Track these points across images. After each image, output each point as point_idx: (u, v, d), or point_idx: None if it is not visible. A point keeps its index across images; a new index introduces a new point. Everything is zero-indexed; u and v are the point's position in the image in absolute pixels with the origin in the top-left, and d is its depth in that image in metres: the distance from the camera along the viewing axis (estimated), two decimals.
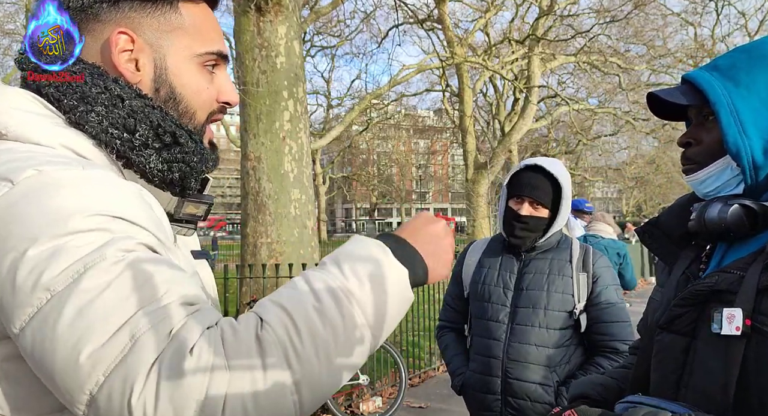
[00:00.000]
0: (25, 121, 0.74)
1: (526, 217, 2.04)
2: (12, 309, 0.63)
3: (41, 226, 0.64)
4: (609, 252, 4.83)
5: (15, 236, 0.64)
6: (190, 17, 0.86)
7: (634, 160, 31.43)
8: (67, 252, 0.63)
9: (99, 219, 0.66)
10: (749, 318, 0.84)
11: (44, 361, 0.62)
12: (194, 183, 0.86)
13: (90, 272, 0.63)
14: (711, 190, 1.00)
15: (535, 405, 1.97)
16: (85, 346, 0.61)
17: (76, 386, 0.61)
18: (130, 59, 0.82)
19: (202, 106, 0.87)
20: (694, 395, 0.92)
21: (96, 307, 0.62)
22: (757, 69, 0.95)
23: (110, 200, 0.68)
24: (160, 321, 0.63)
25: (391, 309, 0.73)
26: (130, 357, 0.61)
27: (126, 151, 0.78)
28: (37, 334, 0.62)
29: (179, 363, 0.61)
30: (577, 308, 2.01)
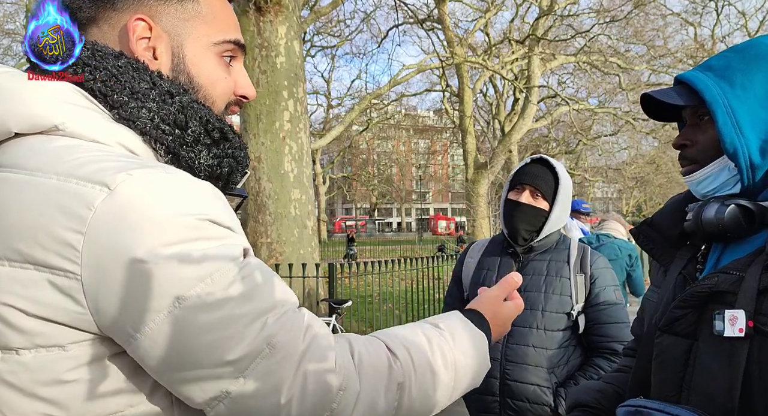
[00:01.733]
0: (81, 117, 0.73)
1: (524, 205, 2.03)
2: (133, 313, 0.64)
3: (153, 234, 0.64)
4: (621, 253, 4.78)
5: (128, 244, 0.64)
6: (207, 6, 0.85)
7: (634, 160, 31.43)
8: (188, 260, 0.65)
9: (205, 226, 0.68)
10: (751, 320, 0.84)
11: (178, 362, 0.66)
12: (239, 177, 0.87)
13: (217, 283, 0.66)
14: (709, 190, 1.00)
15: (534, 406, 1.97)
16: (227, 351, 0.66)
17: (214, 386, 0.66)
18: (148, 47, 0.81)
19: (221, 96, 0.86)
20: (698, 397, 0.91)
21: (232, 317, 0.66)
22: (753, 69, 0.95)
23: (205, 205, 0.69)
24: (293, 326, 0.70)
25: (469, 385, 0.89)
26: (273, 360, 0.67)
27: (177, 148, 0.77)
28: (168, 339, 0.65)
29: (326, 372, 0.69)
30: (575, 309, 2.01)
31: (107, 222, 0.64)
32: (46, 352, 0.66)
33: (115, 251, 0.64)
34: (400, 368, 0.74)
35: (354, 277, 5.96)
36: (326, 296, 5.95)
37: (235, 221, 0.74)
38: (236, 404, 0.68)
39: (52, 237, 0.64)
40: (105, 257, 0.64)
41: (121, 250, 0.64)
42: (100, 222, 0.64)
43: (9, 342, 0.65)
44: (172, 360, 0.66)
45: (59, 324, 0.65)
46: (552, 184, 2.04)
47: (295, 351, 0.69)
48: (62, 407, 0.67)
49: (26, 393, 0.66)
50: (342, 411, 0.71)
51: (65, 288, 0.64)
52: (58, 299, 0.64)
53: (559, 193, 2.04)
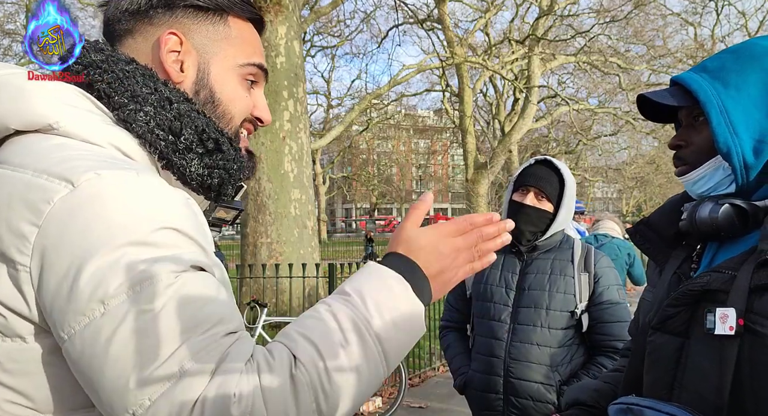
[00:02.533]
0: (76, 117, 0.75)
1: (528, 207, 2.03)
2: (64, 315, 0.64)
3: (101, 236, 0.65)
4: (621, 252, 4.80)
5: (74, 242, 0.64)
6: (237, 30, 0.89)
7: (634, 160, 31.43)
8: (124, 266, 0.64)
9: (155, 233, 0.67)
10: (742, 318, 0.85)
11: (91, 373, 0.64)
12: (230, 190, 0.88)
13: (145, 293, 0.64)
14: (704, 190, 1.01)
15: (537, 404, 1.98)
16: (135, 370, 0.63)
17: (120, 404, 0.64)
18: (177, 60, 0.85)
19: (238, 113, 0.89)
20: (688, 395, 0.92)
21: (148, 332, 0.64)
22: (746, 70, 0.95)
23: (165, 211, 0.69)
24: (208, 354, 0.66)
25: (407, 344, 0.77)
26: (178, 387, 0.63)
27: (169, 153, 0.79)
28: (87, 345, 0.64)
29: (225, 400, 0.64)
30: (579, 308, 2.01)
31: (61, 218, 0.65)
32: (11, 342, 0.67)
33: (59, 247, 0.64)
34: (304, 369, 0.68)
35: None
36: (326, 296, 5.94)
37: (200, 231, 0.73)
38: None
39: (13, 230, 0.66)
40: (50, 251, 0.64)
41: (65, 247, 0.64)
42: (54, 217, 0.65)
43: None
44: (86, 370, 0.64)
45: (18, 316, 0.67)
46: (557, 186, 2.04)
47: (203, 377, 0.65)
48: (28, 397, 0.68)
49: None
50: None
51: (18, 280, 0.66)
52: (13, 290, 0.66)
53: (565, 194, 2.04)
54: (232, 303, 0.74)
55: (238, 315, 0.74)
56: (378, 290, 0.75)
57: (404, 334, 0.75)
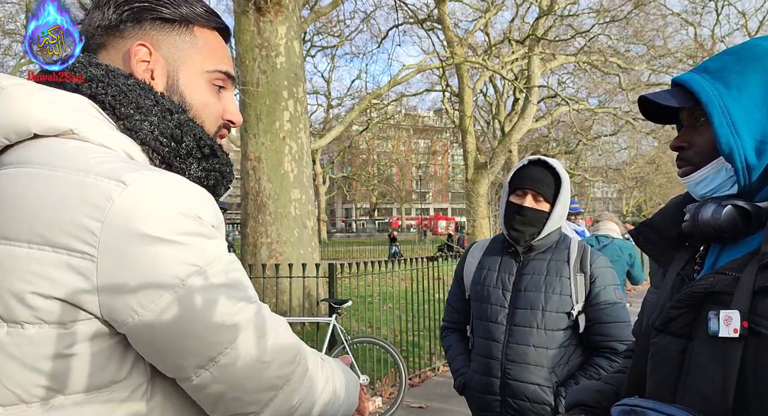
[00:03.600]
0: (93, 124, 0.82)
1: (527, 209, 2.04)
2: (142, 292, 0.74)
3: (163, 226, 0.74)
4: (623, 253, 4.78)
5: (141, 231, 0.73)
6: (203, 39, 0.96)
7: (634, 160, 31.44)
8: (190, 250, 0.76)
9: (200, 222, 0.78)
10: (746, 320, 0.84)
11: (176, 336, 0.76)
12: (223, 190, 0.97)
13: (212, 269, 0.78)
14: (707, 191, 1.00)
15: (535, 405, 1.97)
16: (221, 325, 0.78)
17: (206, 356, 0.78)
18: (146, 69, 0.90)
19: (210, 118, 0.96)
20: (692, 397, 0.91)
21: (219, 301, 0.78)
22: (748, 71, 0.95)
23: (201, 205, 0.80)
24: (265, 310, 0.85)
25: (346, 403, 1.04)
26: (253, 333, 0.81)
27: (171, 159, 0.87)
28: (170, 314, 0.75)
29: (286, 346, 0.87)
30: (575, 309, 2.01)
31: (123, 212, 0.73)
32: (48, 328, 0.73)
33: (129, 236, 0.73)
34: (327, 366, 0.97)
35: (354, 277, 5.96)
36: (326, 296, 5.95)
37: (221, 223, 0.85)
38: (221, 371, 0.79)
39: (74, 224, 0.72)
40: (120, 241, 0.73)
41: (136, 235, 0.73)
42: (117, 212, 0.73)
43: (16, 317, 0.72)
44: (175, 333, 0.76)
45: (65, 303, 0.73)
46: (553, 186, 2.04)
47: (270, 328, 0.83)
48: (57, 380, 0.74)
49: (26, 366, 0.73)
50: (297, 383, 0.87)
51: (81, 268, 0.72)
52: (70, 279, 0.72)
53: (561, 193, 2.04)
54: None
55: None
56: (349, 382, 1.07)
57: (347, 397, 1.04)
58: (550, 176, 2.05)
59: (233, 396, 0.82)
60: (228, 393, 0.81)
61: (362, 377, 4.91)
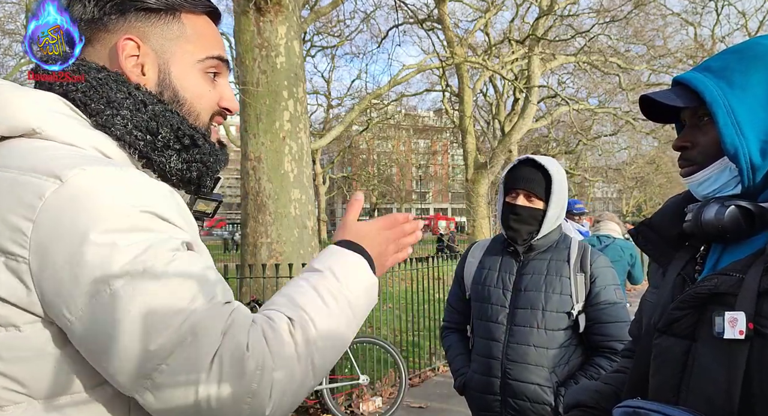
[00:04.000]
0: (59, 122, 0.79)
1: (520, 208, 2.05)
2: (69, 298, 0.69)
3: (95, 222, 0.69)
4: (624, 253, 4.78)
5: (71, 231, 0.69)
6: (191, 26, 0.91)
7: (634, 160, 31.41)
8: (123, 248, 0.70)
9: (144, 218, 0.73)
10: (752, 322, 0.84)
11: (104, 349, 0.70)
12: (209, 181, 0.93)
13: (149, 271, 0.70)
14: (710, 191, 1.00)
15: (535, 405, 1.97)
16: (149, 339, 0.69)
17: (138, 373, 0.69)
18: (136, 64, 0.87)
19: (205, 109, 0.92)
20: (696, 399, 0.91)
21: (157, 306, 0.70)
22: (751, 70, 0.94)
23: (152, 199, 0.74)
24: (215, 318, 0.73)
25: (368, 307, 0.91)
26: (194, 350, 0.70)
27: (148, 152, 0.84)
28: (98, 323, 0.69)
29: (239, 359, 0.72)
30: (575, 309, 2.01)
31: (55, 211, 0.69)
32: (5, 331, 0.71)
33: (57, 236, 0.69)
34: (300, 328, 0.79)
35: None
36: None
37: (184, 218, 0.79)
38: (161, 392, 0.70)
39: (8, 224, 0.70)
40: (49, 242, 0.69)
41: (63, 236, 0.69)
42: (48, 211, 0.69)
43: None
44: (100, 346, 0.70)
45: (13, 306, 0.70)
46: (543, 183, 2.05)
47: (214, 341, 0.72)
48: (21, 383, 0.71)
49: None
50: (263, 389, 0.74)
51: (17, 271, 0.70)
52: (11, 282, 0.70)
53: (553, 191, 2.04)
54: (222, 280, 0.81)
55: (229, 288, 0.81)
56: (343, 266, 0.89)
57: (365, 300, 0.90)
58: (540, 174, 2.05)
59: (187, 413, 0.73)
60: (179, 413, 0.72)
61: (362, 377, 4.91)
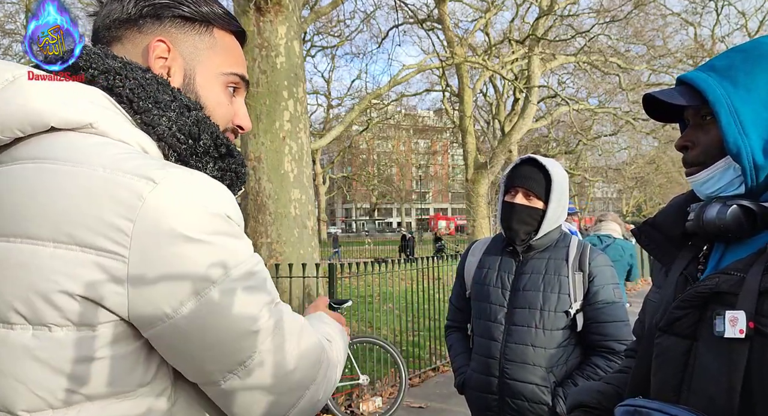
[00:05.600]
0: (111, 118, 0.80)
1: (518, 206, 2.04)
2: (170, 294, 0.72)
3: (193, 223, 0.73)
4: (625, 253, 4.79)
5: (171, 230, 0.72)
6: (221, 41, 0.95)
7: (634, 160, 31.41)
8: (219, 250, 0.75)
9: (228, 221, 0.77)
10: (752, 321, 0.84)
11: (209, 340, 0.75)
12: (237, 190, 0.95)
13: (239, 270, 0.77)
14: (713, 190, 1.00)
15: (533, 405, 1.97)
16: (248, 329, 0.77)
17: (235, 360, 0.77)
18: (164, 66, 0.89)
19: (222, 120, 0.94)
20: (697, 398, 0.91)
21: (248, 302, 0.77)
22: (756, 69, 0.94)
23: (227, 204, 0.78)
24: (291, 313, 0.85)
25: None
26: (279, 338, 0.80)
27: (187, 156, 0.85)
28: (199, 318, 0.74)
29: (316, 349, 0.87)
30: (573, 308, 2.01)
31: (156, 211, 0.71)
32: (76, 330, 0.71)
33: (160, 236, 0.71)
34: (331, 349, 0.94)
35: (354, 277, 5.96)
36: (326, 296, 5.93)
37: (242, 221, 0.83)
38: (250, 375, 0.78)
39: (104, 223, 0.70)
40: (151, 242, 0.71)
41: (168, 236, 0.72)
42: (148, 211, 0.71)
43: (43, 318, 0.70)
44: (204, 336, 0.75)
45: (94, 304, 0.71)
46: (543, 183, 2.04)
47: (295, 331, 0.83)
48: (83, 383, 0.72)
49: (54, 369, 0.71)
50: (321, 380, 0.87)
51: (111, 268, 0.70)
52: (100, 280, 0.70)
53: (553, 190, 2.03)
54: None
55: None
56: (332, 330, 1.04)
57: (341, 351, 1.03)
58: (540, 174, 2.05)
59: (260, 399, 0.80)
60: (255, 397, 0.80)
61: (362, 377, 4.90)
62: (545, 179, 2.04)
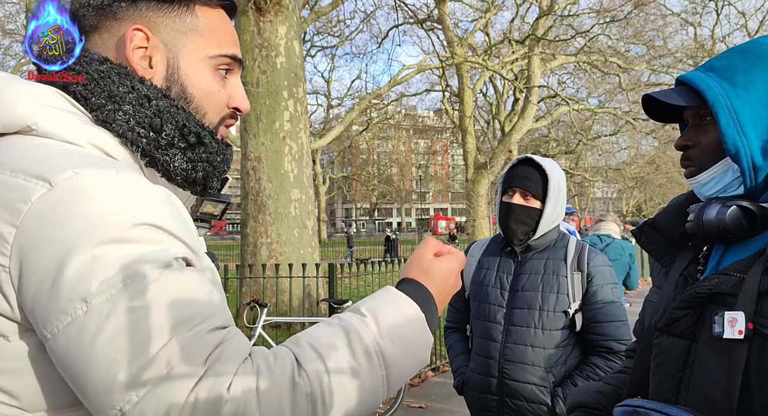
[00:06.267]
0: (56, 118, 0.74)
1: (515, 206, 2.04)
2: (46, 313, 0.64)
3: (80, 233, 0.64)
4: (624, 253, 4.79)
5: (53, 240, 0.64)
6: (206, 20, 0.86)
7: (634, 160, 31.43)
8: (106, 263, 0.64)
9: (136, 229, 0.67)
10: (751, 322, 0.84)
11: (76, 371, 0.64)
12: (216, 182, 0.87)
13: (129, 289, 0.64)
14: (714, 192, 0.99)
15: (532, 405, 1.97)
16: (122, 367, 0.62)
17: (107, 401, 0.63)
18: (144, 56, 0.82)
19: (213, 109, 0.87)
20: (695, 398, 0.91)
21: (134, 330, 0.63)
22: (755, 69, 0.94)
23: (146, 208, 0.69)
24: (197, 348, 0.65)
25: (411, 372, 0.78)
26: (167, 386, 0.63)
27: (151, 150, 0.78)
28: (71, 344, 0.63)
29: (216, 400, 0.64)
30: (572, 308, 2.00)
31: (39, 217, 0.64)
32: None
33: (39, 245, 0.64)
34: (307, 379, 0.69)
35: (354, 277, 5.96)
36: (326, 296, 5.95)
37: (184, 227, 0.73)
38: None
39: None
40: (30, 251, 0.64)
41: (45, 245, 0.64)
42: (32, 217, 0.64)
43: None
44: (72, 368, 0.64)
45: (0, 316, 0.66)
46: (540, 183, 2.04)
47: (192, 375, 0.64)
48: (13, 396, 0.67)
49: None
50: None
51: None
52: None
53: (550, 190, 2.03)
54: (222, 300, 0.73)
55: (227, 312, 0.73)
56: (393, 316, 0.77)
57: (410, 362, 0.77)
58: (537, 174, 2.05)
59: None
60: None
61: None
62: (542, 179, 2.04)
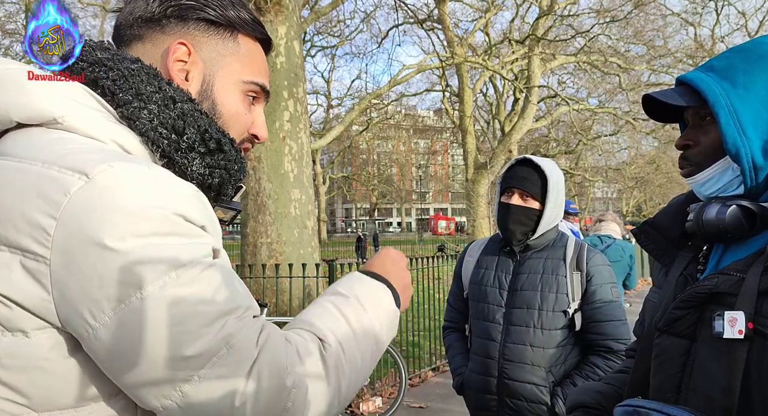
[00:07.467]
0: (80, 113, 0.75)
1: (514, 207, 2.04)
2: (93, 302, 0.65)
3: (125, 224, 0.66)
4: (624, 253, 4.78)
5: (97, 231, 0.65)
6: (245, 48, 0.91)
7: (634, 160, 31.43)
8: (155, 252, 0.66)
9: (177, 221, 0.69)
10: (751, 322, 0.84)
11: (131, 355, 0.66)
12: (230, 190, 0.90)
13: (180, 278, 0.67)
14: (713, 191, 0.99)
15: (532, 405, 1.97)
16: (185, 346, 0.66)
17: (168, 382, 0.67)
18: (182, 69, 0.86)
19: (237, 129, 0.91)
20: (696, 398, 0.91)
21: (189, 316, 0.67)
22: (755, 69, 0.94)
23: (182, 202, 0.71)
24: (250, 330, 0.72)
25: (388, 338, 0.91)
26: (229, 360, 0.68)
27: (171, 152, 0.80)
28: (125, 329, 0.65)
29: (278, 374, 0.72)
30: (571, 307, 2.01)
31: (80, 209, 0.65)
32: (11, 336, 0.66)
33: (84, 237, 0.64)
34: (331, 351, 0.80)
35: None
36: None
37: (211, 222, 0.76)
38: (189, 404, 0.68)
39: (27, 221, 0.65)
40: (74, 243, 0.65)
41: (91, 237, 0.64)
42: (73, 209, 0.65)
43: None
44: (127, 353, 0.66)
45: (24, 309, 0.66)
46: (539, 184, 2.04)
47: (251, 353, 0.70)
48: (23, 394, 0.67)
49: None
50: (297, 408, 0.74)
51: (34, 271, 0.65)
52: (26, 282, 0.65)
53: (549, 190, 2.04)
54: (248, 291, 0.79)
55: (254, 301, 0.80)
56: (369, 294, 0.89)
57: (387, 331, 0.90)
58: (536, 174, 2.05)
59: None
60: None
61: None
62: (541, 179, 2.05)
